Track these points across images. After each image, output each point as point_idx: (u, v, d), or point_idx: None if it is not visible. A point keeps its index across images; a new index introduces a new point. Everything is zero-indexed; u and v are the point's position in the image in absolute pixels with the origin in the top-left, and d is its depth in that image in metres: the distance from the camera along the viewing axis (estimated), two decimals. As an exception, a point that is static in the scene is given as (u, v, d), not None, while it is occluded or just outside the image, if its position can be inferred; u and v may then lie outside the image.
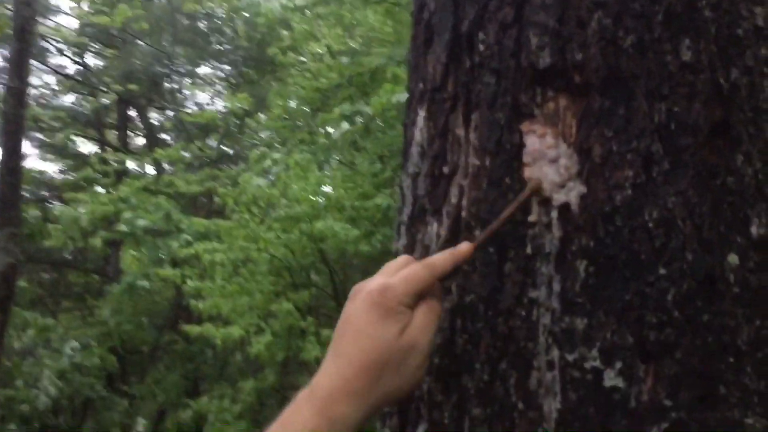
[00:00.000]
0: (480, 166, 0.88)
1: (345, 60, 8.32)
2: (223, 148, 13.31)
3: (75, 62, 14.29)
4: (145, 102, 13.70)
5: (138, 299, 10.46)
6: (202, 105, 14.86)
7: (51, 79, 14.24)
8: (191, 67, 14.62)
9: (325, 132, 8.21)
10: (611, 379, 0.78)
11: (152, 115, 15.35)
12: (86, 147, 15.37)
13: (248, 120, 11.61)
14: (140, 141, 16.04)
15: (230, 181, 8.58)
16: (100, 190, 10.99)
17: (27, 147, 15.44)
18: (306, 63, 9.82)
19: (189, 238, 7.87)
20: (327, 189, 7.17)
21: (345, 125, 6.60)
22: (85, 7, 12.41)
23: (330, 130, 7.80)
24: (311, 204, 6.62)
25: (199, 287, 7.03)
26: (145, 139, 15.39)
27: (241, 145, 13.74)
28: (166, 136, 15.55)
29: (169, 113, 14.65)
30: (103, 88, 12.53)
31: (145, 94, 13.38)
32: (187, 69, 14.64)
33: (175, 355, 10.41)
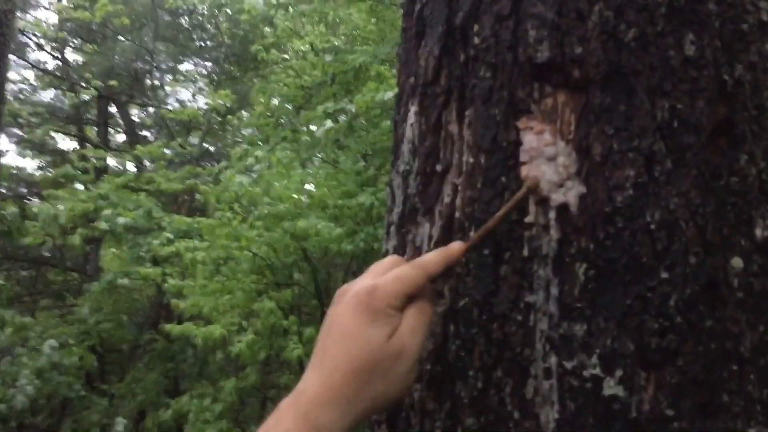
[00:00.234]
0: (474, 164, 0.84)
1: (328, 58, 8.28)
2: (205, 145, 13.21)
3: (55, 57, 14.13)
4: (126, 98, 13.57)
5: (118, 297, 10.37)
6: (184, 102, 14.77)
7: (30, 75, 14.09)
8: (173, 64, 14.52)
9: (308, 130, 8.16)
10: (611, 388, 0.74)
11: (133, 111, 15.23)
12: (66, 143, 15.24)
13: (230, 117, 11.54)
14: (121, 138, 15.91)
15: (212, 178, 8.49)
16: (79, 187, 10.86)
17: (5, 143, 15.31)
18: (289, 60, 9.78)
19: (170, 236, 7.78)
20: (310, 187, 7.12)
21: (328, 123, 6.55)
22: (64, 1, 12.26)
23: (313, 128, 7.76)
24: (294, 202, 6.57)
25: (179, 286, 6.95)
26: (126, 136, 15.26)
27: (223, 143, 13.66)
28: (147, 133, 15.44)
29: (151, 110, 14.53)
30: (83, 84, 12.38)
31: (126, 90, 13.25)
32: (169, 65, 14.53)
33: (156, 354, 10.31)
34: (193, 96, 14.49)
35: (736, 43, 0.80)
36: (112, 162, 12.76)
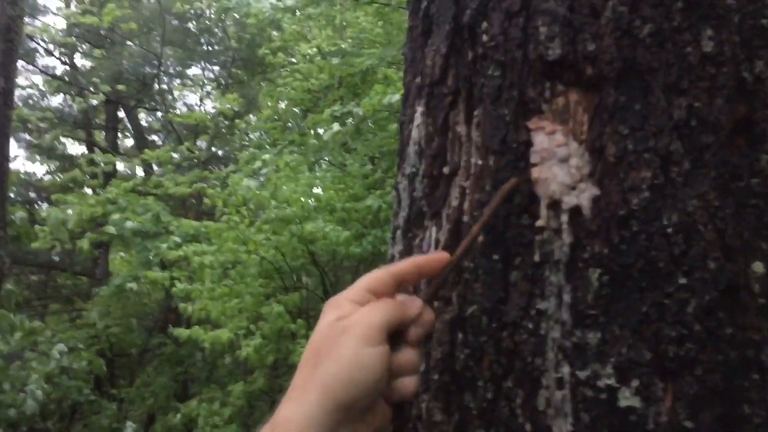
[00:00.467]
0: (483, 166, 0.81)
1: (335, 61, 8.27)
2: (213, 149, 13.23)
3: (63, 63, 14.19)
4: (134, 103, 13.59)
5: (126, 302, 10.37)
6: (192, 106, 14.80)
7: (39, 80, 14.14)
8: (181, 68, 14.55)
9: (315, 133, 8.15)
10: (627, 399, 0.71)
11: (141, 116, 15.26)
12: (75, 148, 15.29)
13: (238, 121, 11.55)
14: (129, 142, 15.96)
15: (219, 182, 8.49)
16: (88, 191, 10.88)
17: (15, 148, 15.38)
18: (296, 64, 9.78)
19: (178, 239, 7.78)
20: (317, 190, 7.10)
21: (336, 126, 6.54)
22: (72, 7, 12.30)
23: (320, 131, 7.75)
24: (301, 205, 6.55)
25: (187, 290, 6.94)
26: (134, 140, 15.30)
27: (231, 147, 13.67)
28: (156, 137, 15.48)
29: (159, 114, 14.57)
30: (91, 89, 12.41)
31: (134, 95, 13.28)
32: (177, 70, 14.57)
33: (165, 358, 10.30)
34: (201, 100, 14.51)
35: (756, 38, 0.77)
36: (120, 166, 12.80)
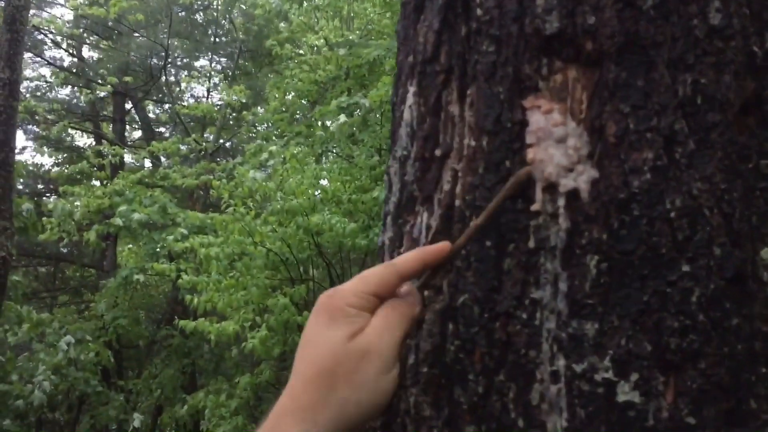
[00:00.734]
0: (476, 147, 0.77)
1: (343, 52, 8.24)
2: (220, 141, 13.23)
3: (70, 54, 14.21)
4: (141, 95, 13.61)
5: (134, 293, 10.42)
6: (199, 98, 14.81)
7: (47, 72, 14.19)
8: (188, 60, 14.55)
9: (322, 125, 8.13)
10: (625, 393, 0.67)
11: (149, 107, 15.28)
12: (82, 140, 15.34)
13: (245, 113, 11.54)
14: (137, 134, 16.00)
15: (226, 174, 8.48)
16: (95, 183, 10.91)
17: (22, 140, 15.43)
18: (303, 55, 9.75)
19: (185, 231, 7.78)
20: (324, 182, 7.08)
21: (342, 118, 6.51)
22: (79, -2, 12.31)
23: (327, 122, 7.72)
24: (308, 197, 6.52)
25: (194, 281, 6.94)
26: (142, 132, 15.34)
27: (238, 138, 13.66)
28: (163, 129, 15.50)
29: (166, 106, 14.57)
30: (99, 81, 12.43)
31: (142, 86, 13.29)
32: (184, 61, 14.56)
33: (172, 350, 10.34)
34: (208, 92, 14.51)
35: (766, 11, 0.73)
36: (128, 158, 12.83)
